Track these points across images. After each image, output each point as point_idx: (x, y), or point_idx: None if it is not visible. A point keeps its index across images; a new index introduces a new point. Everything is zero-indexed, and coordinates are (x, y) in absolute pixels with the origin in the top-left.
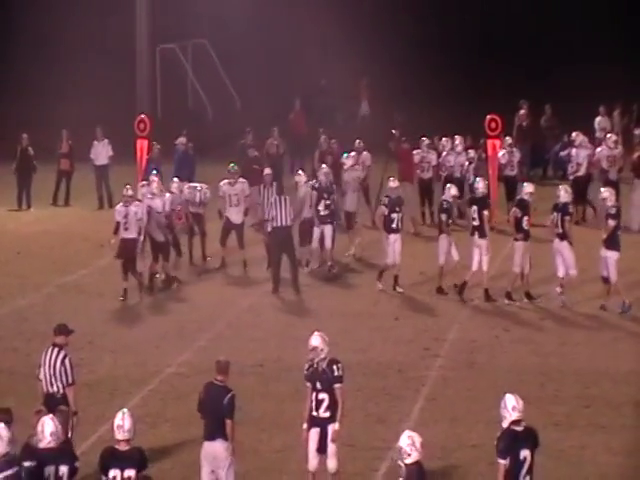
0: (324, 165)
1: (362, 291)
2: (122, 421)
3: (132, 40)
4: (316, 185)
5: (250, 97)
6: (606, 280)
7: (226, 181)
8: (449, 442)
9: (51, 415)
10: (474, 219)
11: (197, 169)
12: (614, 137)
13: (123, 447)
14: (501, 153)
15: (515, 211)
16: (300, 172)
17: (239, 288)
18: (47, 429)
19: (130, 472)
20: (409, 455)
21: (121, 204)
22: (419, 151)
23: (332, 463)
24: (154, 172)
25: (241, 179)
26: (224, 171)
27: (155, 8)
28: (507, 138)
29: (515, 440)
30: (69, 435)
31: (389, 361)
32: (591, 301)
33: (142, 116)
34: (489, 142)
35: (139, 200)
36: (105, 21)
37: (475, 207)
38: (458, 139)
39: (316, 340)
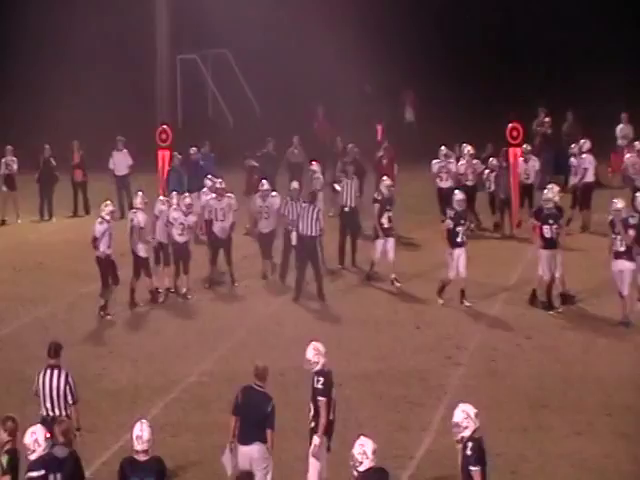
0: (385, 177)
1: (383, 299)
2: (141, 431)
3: (153, 50)
4: (378, 197)
5: (270, 105)
6: (623, 295)
7: (213, 196)
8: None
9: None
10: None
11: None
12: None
13: (142, 457)
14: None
15: (532, 221)
16: (314, 163)
17: (259, 296)
18: (40, 438)
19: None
20: (466, 428)
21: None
22: (437, 160)
23: (310, 477)
24: (174, 190)
25: (228, 194)
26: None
27: (175, 18)
28: (526, 146)
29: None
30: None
31: (410, 369)
32: (614, 307)
33: (164, 126)
34: (510, 150)
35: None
36: (125, 31)
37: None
38: (467, 147)
39: (309, 352)
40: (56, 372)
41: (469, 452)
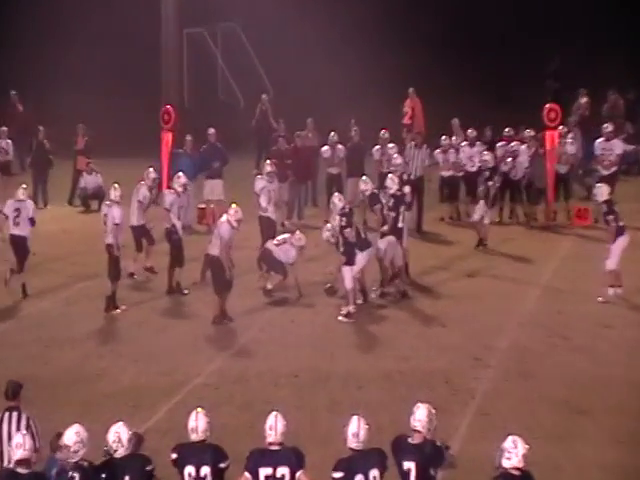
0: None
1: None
2: (196, 422)
3: (156, 24)
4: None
5: (284, 85)
6: None
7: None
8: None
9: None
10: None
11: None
12: None
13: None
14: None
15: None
16: (365, 178)
17: (274, 288)
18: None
19: (205, 469)
20: (509, 459)
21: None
22: (439, 151)
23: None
24: (179, 172)
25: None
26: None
27: None
28: (562, 128)
29: None
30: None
31: (435, 371)
32: None
33: (167, 107)
34: (547, 134)
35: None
36: (128, 3)
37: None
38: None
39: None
40: (15, 415)
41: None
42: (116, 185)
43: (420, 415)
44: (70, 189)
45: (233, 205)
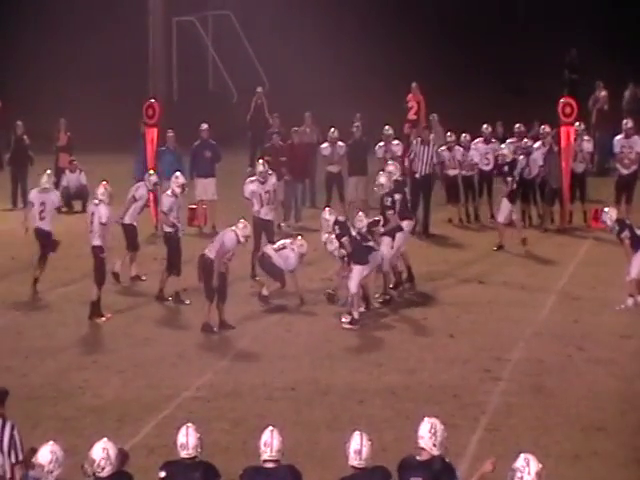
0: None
1: (410, 302)
2: (186, 438)
3: (144, 11)
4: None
5: (280, 76)
6: None
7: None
8: None
9: None
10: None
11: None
12: None
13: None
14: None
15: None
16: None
17: (271, 294)
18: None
19: None
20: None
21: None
22: (444, 148)
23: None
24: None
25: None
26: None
27: None
28: (578, 124)
29: None
30: None
31: (442, 384)
32: None
33: (151, 101)
34: (562, 130)
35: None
36: None
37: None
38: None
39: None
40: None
41: None
42: (104, 183)
43: (422, 431)
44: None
45: (242, 220)
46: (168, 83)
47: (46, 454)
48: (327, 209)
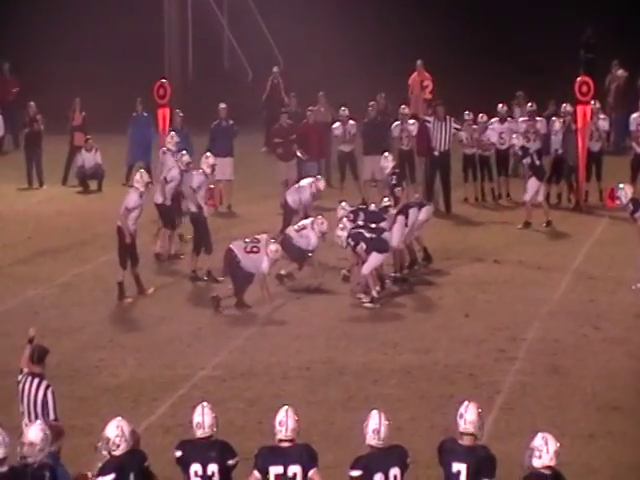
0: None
1: (426, 282)
2: (202, 417)
3: None
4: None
5: (296, 56)
6: None
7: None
8: None
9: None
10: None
11: (234, 142)
12: None
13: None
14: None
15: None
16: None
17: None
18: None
19: (213, 467)
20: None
21: None
22: (476, 126)
23: None
24: (184, 152)
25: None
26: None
27: None
28: (594, 103)
29: None
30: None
31: (458, 364)
32: None
33: (162, 80)
34: (579, 108)
35: None
36: None
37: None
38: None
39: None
40: (36, 381)
41: None
42: (142, 171)
43: (470, 416)
44: (64, 168)
45: (272, 245)
46: (184, 63)
47: (37, 432)
48: (344, 204)
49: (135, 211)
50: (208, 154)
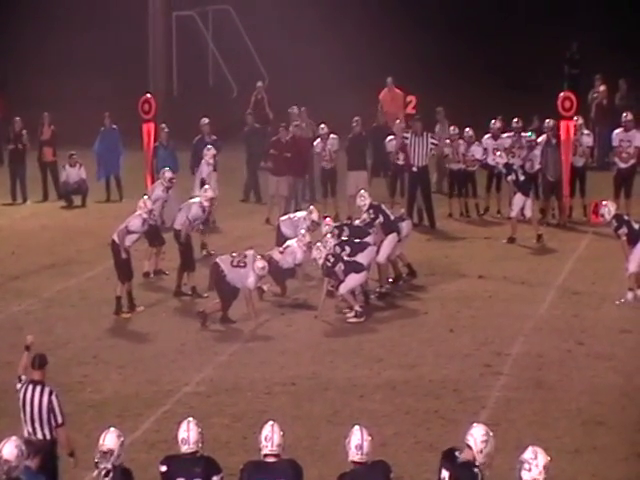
0: None
1: (411, 297)
2: (187, 432)
3: (144, 6)
4: None
5: (280, 71)
6: None
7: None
8: (513, 474)
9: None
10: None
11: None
12: None
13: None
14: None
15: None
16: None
17: (267, 294)
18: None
19: None
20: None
21: None
22: (462, 142)
23: None
24: (166, 168)
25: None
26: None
27: None
28: (577, 118)
29: None
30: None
31: (443, 379)
32: None
33: (147, 96)
34: (562, 124)
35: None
36: None
37: None
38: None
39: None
40: (39, 389)
41: None
42: (145, 197)
43: (477, 434)
44: (42, 184)
45: (259, 262)
46: (168, 78)
47: (12, 449)
48: (328, 219)
49: (135, 235)
50: (207, 187)
